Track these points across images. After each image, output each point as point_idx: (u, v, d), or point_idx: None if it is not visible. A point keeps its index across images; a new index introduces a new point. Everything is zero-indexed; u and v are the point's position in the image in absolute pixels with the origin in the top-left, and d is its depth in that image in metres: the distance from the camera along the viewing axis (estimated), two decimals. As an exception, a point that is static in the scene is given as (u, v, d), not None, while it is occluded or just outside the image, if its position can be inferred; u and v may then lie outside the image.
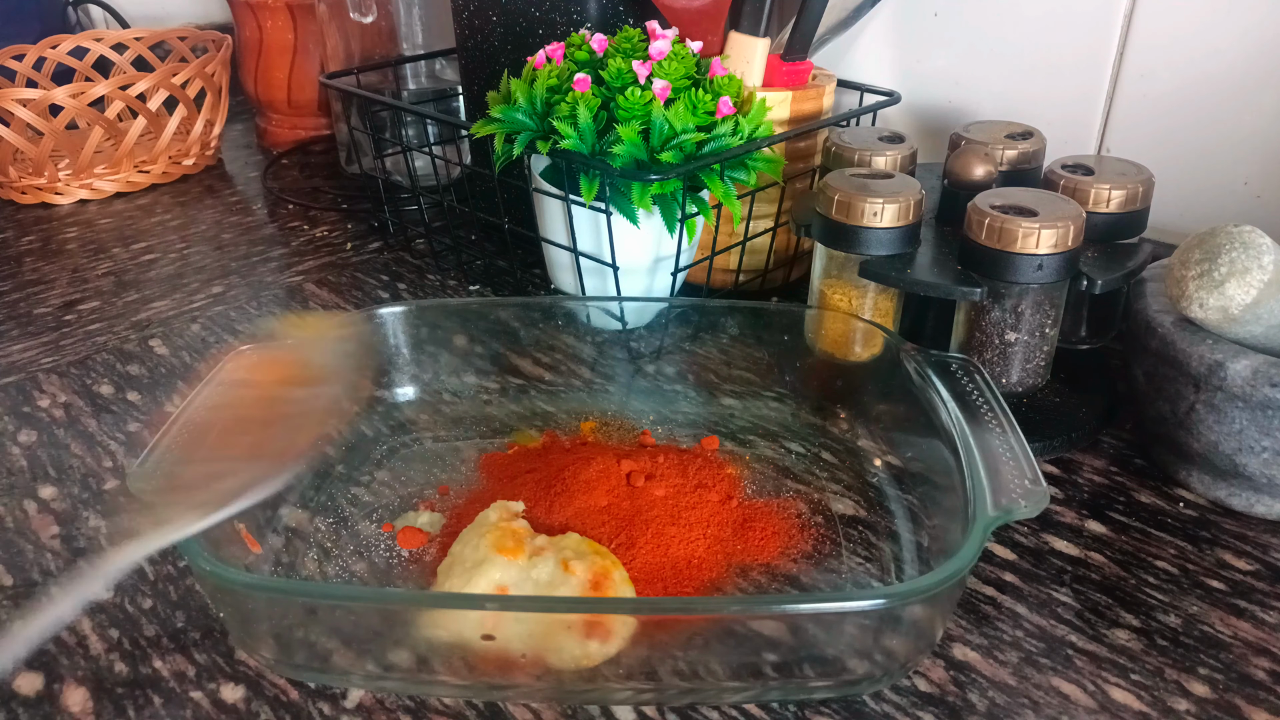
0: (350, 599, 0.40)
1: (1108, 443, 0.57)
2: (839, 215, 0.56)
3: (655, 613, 0.41)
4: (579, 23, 0.69)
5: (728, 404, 0.60)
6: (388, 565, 0.47)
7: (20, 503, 0.53)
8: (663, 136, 0.58)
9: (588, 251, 0.64)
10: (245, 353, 0.51)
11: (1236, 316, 0.47)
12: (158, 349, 0.68)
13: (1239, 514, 0.51)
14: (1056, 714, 0.40)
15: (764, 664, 0.39)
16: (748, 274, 0.71)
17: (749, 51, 0.66)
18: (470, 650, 0.38)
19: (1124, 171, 0.58)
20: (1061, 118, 0.71)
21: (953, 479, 0.44)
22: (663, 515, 0.48)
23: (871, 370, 0.57)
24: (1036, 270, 0.52)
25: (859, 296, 0.59)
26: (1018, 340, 0.55)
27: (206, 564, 0.37)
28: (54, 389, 0.63)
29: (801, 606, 0.37)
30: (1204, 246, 0.48)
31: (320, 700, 0.41)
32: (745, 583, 0.46)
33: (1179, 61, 0.66)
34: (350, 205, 0.94)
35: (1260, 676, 0.42)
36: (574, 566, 0.42)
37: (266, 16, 1.05)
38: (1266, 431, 0.47)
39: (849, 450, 0.56)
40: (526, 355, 0.63)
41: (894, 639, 0.39)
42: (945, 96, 0.78)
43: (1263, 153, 0.65)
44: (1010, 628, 0.44)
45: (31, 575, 0.48)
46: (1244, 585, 0.47)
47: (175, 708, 0.41)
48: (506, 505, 0.47)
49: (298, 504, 0.51)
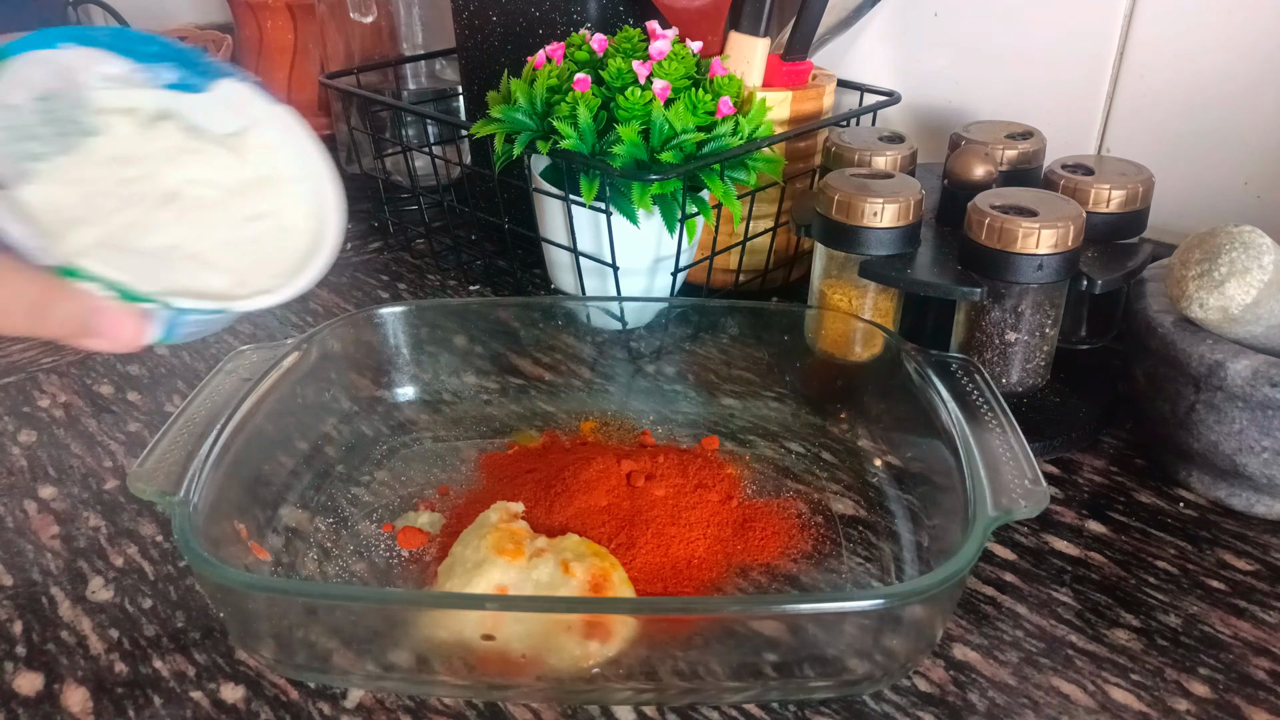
0: (350, 599, 0.40)
1: (1108, 443, 0.57)
2: (839, 215, 0.56)
3: (655, 613, 0.41)
4: (579, 23, 0.69)
5: (728, 404, 0.60)
6: (388, 565, 0.47)
7: (20, 503, 0.53)
8: (663, 136, 0.58)
9: (588, 251, 0.64)
10: (245, 353, 0.51)
11: (1236, 316, 0.47)
12: (158, 349, 0.68)
13: (1239, 514, 0.51)
14: (1057, 714, 0.40)
15: (764, 664, 0.39)
16: (748, 274, 0.71)
17: (749, 51, 0.66)
18: (470, 651, 0.38)
19: (1124, 171, 0.58)
20: (1061, 118, 0.71)
21: (953, 479, 0.44)
22: (663, 515, 0.48)
23: (871, 370, 0.57)
24: (1036, 270, 0.52)
25: (859, 296, 0.59)
26: (1018, 340, 0.55)
27: (206, 564, 0.37)
28: (54, 389, 0.63)
29: (801, 606, 0.37)
30: (1204, 246, 0.48)
31: (320, 700, 0.41)
32: (745, 583, 0.46)
33: (1179, 61, 0.66)
34: (350, 205, 0.94)
35: (1260, 677, 0.42)
36: (574, 568, 0.42)
37: (266, 16, 1.05)
38: (1266, 431, 0.47)
39: (849, 450, 0.56)
40: (526, 355, 0.63)
41: (894, 639, 0.39)
42: (945, 96, 0.78)
43: (1263, 153, 0.64)
44: (1010, 628, 0.44)
45: (31, 575, 0.48)
46: (1244, 585, 0.47)
47: (175, 708, 0.41)
48: (506, 506, 0.47)
49: (298, 504, 0.51)
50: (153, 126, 0.38)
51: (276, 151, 0.41)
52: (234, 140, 0.40)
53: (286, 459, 0.52)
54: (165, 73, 0.38)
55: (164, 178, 0.38)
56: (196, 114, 0.40)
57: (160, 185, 0.38)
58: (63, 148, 0.36)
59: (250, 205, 0.40)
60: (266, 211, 0.40)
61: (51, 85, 0.36)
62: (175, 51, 0.38)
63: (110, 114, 0.38)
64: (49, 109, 0.37)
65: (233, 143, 0.40)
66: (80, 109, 0.37)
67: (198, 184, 0.39)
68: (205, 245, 0.38)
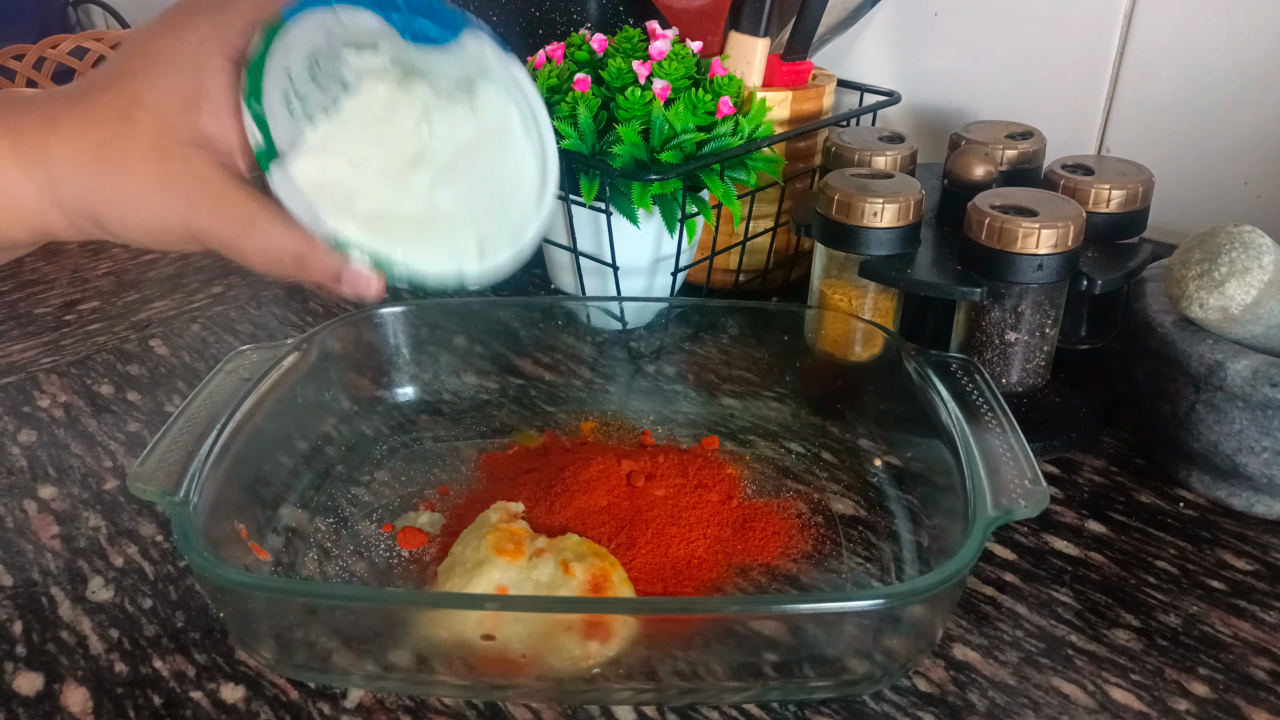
0: (350, 599, 0.40)
1: (1108, 443, 0.57)
2: (839, 215, 0.56)
3: (655, 613, 0.41)
4: (579, 23, 0.69)
5: (728, 404, 0.60)
6: (388, 565, 0.47)
7: (20, 503, 0.53)
8: (663, 136, 0.58)
9: (588, 251, 0.64)
10: (245, 353, 0.51)
11: (1236, 316, 0.47)
12: (158, 349, 0.68)
13: (1239, 514, 0.51)
14: (1057, 714, 0.40)
15: (764, 664, 0.39)
16: (748, 274, 0.71)
17: (749, 51, 0.66)
18: (470, 651, 0.38)
19: (1124, 171, 0.58)
20: (1062, 118, 0.71)
21: (953, 479, 0.44)
22: (663, 515, 0.48)
23: (872, 370, 0.57)
24: (1036, 270, 0.52)
25: (859, 296, 0.59)
26: (1018, 340, 0.55)
27: (207, 564, 0.37)
28: (54, 389, 0.63)
29: (801, 607, 0.37)
30: (1204, 246, 0.48)
31: (320, 700, 0.41)
32: (745, 583, 0.46)
33: (1179, 62, 0.66)
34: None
35: (1260, 676, 0.42)
36: (574, 568, 0.42)
37: (266, 16, 1.04)
38: (1266, 431, 0.47)
39: (849, 450, 0.56)
40: (526, 355, 0.63)
41: (894, 639, 0.39)
42: (945, 96, 0.78)
43: (1263, 153, 0.65)
44: (1010, 628, 0.44)
45: (31, 575, 0.48)
46: (1244, 585, 0.47)
47: (175, 708, 0.41)
48: (506, 506, 0.47)
49: (298, 504, 0.51)
50: (406, 88, 0.39)
51: (504, 102, 0.40)
52: (467, 92, 0.40)
53: (286, 459, 0.52)
54: (416, 25, 0.38)
55: (415, 138, 0.39)
56: (439, 67, 0.39)
57: (411, 146, 0.39)
58: (327, 107, 0.37)
59: (485, 159, 0.40)
60: (499, 164, 0.40)
61: (318, 45, 0.37)
62: (425, 4, 0.37)
63: (366, 75, 0.38)
64: (314, 70, 0.37)
65: (466, 96, 0.40)
66: (342, 66, 0.37)
67: (441, 141, 0.39)
68: (450, 204, 0.39)
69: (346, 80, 0.38)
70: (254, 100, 0.35)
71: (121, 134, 0.34)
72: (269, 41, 0.35)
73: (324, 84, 0.37)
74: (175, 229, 0.35)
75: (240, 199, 0.35)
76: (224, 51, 0.34)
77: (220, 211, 0.35)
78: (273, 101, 0.35)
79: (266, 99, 0.35)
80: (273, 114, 0.35)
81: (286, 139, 0.36)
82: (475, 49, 0.39)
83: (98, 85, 0.35)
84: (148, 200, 0.35)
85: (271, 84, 0.35)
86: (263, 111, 0.35)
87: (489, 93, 0.40)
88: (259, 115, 0.35)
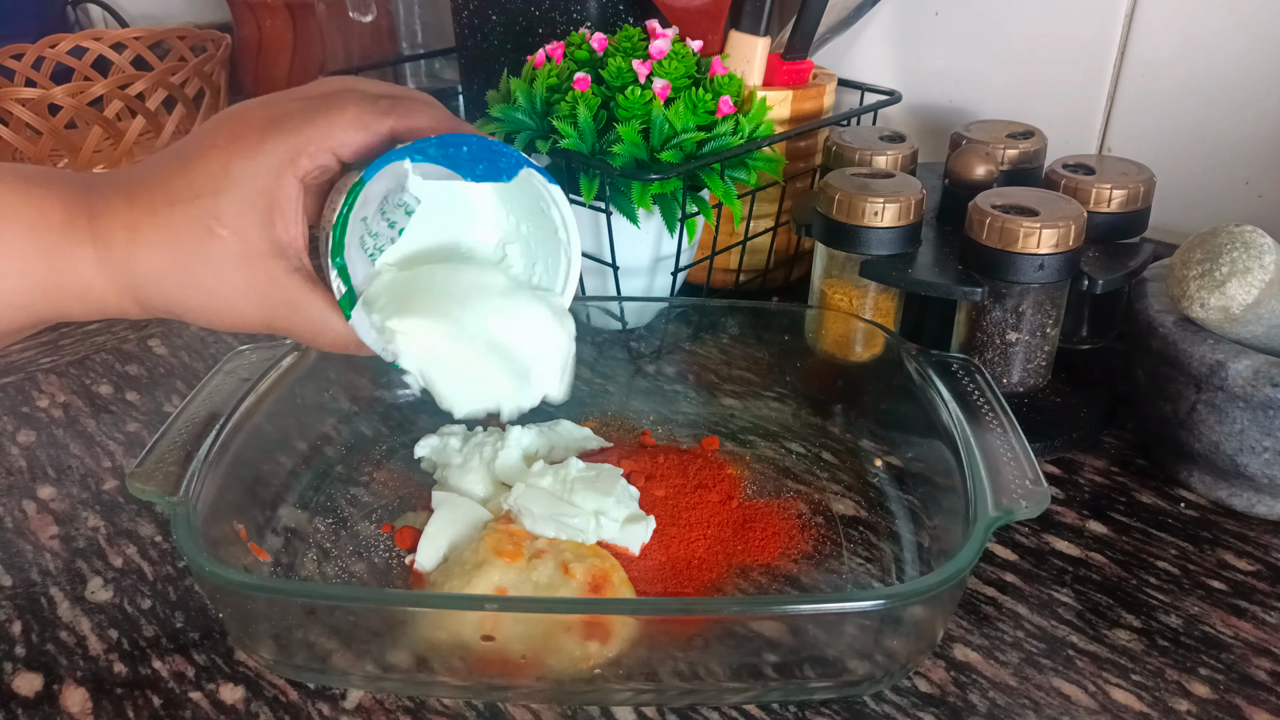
0: (349, 600, 0.40)
1: (1109, 443, 0.57)
2: (840, 215, 0.56)
3: (655, 614, 0.41)
4: (579, 22, 0.69)
5: (728, 404, 0.60)
6: (387, 566, 0.47)
7: (19, 503, 0.53)
8: (663, 136, 0.57)
9: (588, 251, 0.63)
10: (244, 352, 0.51)
11: (1238, 316, 0.47)
12: (157, 349, 0.68)
13: (1240, 514, 0.51)
14: (1057, 715, 0.40)
15: (764, 665, 0.39)
16: (748, 274, 0.71)
17: (749, 50, 0.66)
18: (470, 651, 0.38)
19: (1125, 171, 0.58)
20: (1063, 117, 0.71)
21: (953, 479, 0.44)
22: (663, 516, 0.48)
23: (872, 370, 0.57)
24: (1038, 270, 0.51)
25: (860, 296, 0.59)
26: (1019, 340, 0.55)
27: (206, 564, 0.37)
28: (53, 389, 0.63)
29: (802, 607, 0.37)
30: (1205, 246, 0.48)
31: (320, 700, 0.41)
32: (745, 583, 0.46)
33: (1180, 60, 0.66)
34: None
35: (1261, 677, 0.42)
36: (573, 569, 0.42)
37: (265, 16, 1.05)
38: (1268, 432, 0.47)
39: (849, 450, 0.56)
40: (526, 355, 0.62)
41: (894, 640, 0.39)
42: (946, 96, 0.78)
43: (1264, 152, 0.64)
44: (1011, 628, 0.44)
45: (31, 575, 0.48)
46: (1245, 586, 0.47)
47: (174, 708, 0.40)
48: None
49: (297, 504, 0.51)
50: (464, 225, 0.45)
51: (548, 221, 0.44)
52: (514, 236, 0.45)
53: (285, 459, 0.52)
54: (479, 171, 0.40)
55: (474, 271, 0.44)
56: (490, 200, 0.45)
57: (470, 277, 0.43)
58: (394, 237, 0.42)
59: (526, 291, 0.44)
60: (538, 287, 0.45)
61: (389, 188, 0.40)
62: (485, 149, 0.40)
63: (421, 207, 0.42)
64: (385, 207, 0.41)
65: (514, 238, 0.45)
66: (407, 199, 0.42)
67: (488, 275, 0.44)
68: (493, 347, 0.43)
69: (411, 205, 0.42)
70: (337, 256, 0.38)
71: (206, 250, 0.37)
72: (351, 203, 0.37)
73: (392, 217, 0.42)
74: (255, 325, 0.39)
75: (315, 302, 0.39)
76: (295, 173, 0.37)
77: (299, 314, 0.39)
78: (350, 249, 0.39)
79: (346, 249, 0.38)
80: (351, 261, 0.39)
81: (363, 278, 0.40)
82: (529, 188, 0.42)
83: (181, 199, 0.37)
84: (232, 306, 0.39)
85: (350, 234, 0.38)
86: (345, 262, 0.38)
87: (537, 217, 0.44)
88: (342, 268, 0.38)
